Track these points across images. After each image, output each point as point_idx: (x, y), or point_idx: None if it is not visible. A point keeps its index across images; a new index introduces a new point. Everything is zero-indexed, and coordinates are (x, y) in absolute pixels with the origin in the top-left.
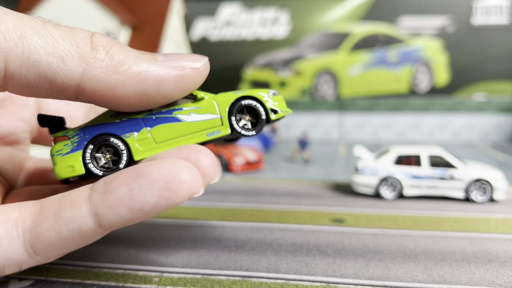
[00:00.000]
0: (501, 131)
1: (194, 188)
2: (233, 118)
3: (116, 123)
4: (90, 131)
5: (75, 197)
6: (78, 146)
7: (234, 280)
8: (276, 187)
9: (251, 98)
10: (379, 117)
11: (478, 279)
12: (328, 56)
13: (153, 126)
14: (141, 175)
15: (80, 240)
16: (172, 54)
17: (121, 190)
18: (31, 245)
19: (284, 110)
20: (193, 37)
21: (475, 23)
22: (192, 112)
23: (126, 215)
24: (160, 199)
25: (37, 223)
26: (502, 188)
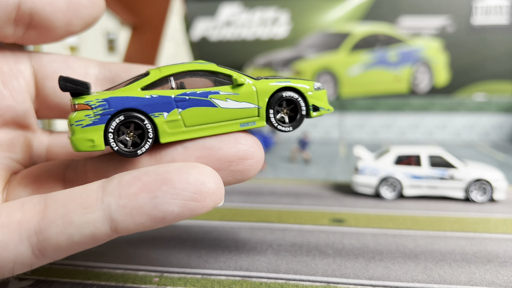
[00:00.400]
0: (501, 131)
1: (218, 198)
2: (271, 111)
3: (146, 98)
4: (115, 103)
5: (87, 199)
6: (101, 120)
7: (234, 280)
8: (276, 187)
9: (294, 90)
10: (379, 117)
11: (478, 279)
12: (328, 56)
13: (185, 108)
14: (165, 182)
15: (92, 244)
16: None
17: (143, 197)
18: (39, 249)
19: (326, 108)
20: (193, 37)
21: (475, 23)
22: (229, 98)
23: (146, 223)
24: (185, 209)
25: (44, 226)
26: (502, 188)
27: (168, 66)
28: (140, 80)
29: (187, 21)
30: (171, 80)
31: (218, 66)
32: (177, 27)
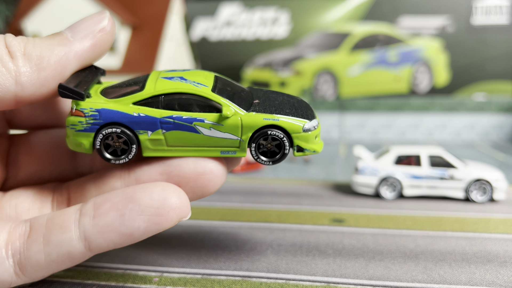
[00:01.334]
0: (501, 131)
1: (183, 213)
2: (253, 145)
3: (133, 116)
4: (106, 115)
5: (64, 220)
6: (91, 128)
7: (234, 280)
8: (276, 187)
9: (280, 129)
10: (379, 117)
11: (478, 279)
12: (328, 56)
13: (169, 130)
14: (131, 201)
15: (69, 263)
16: (76, 24)
17: (111, 215)
18: (20, 267)
19: (312, 149)
20: (193, 37)
21: (475, 23)
22: (212, 128)
23: (116, 239)
24: (150, 224)
25: (26, 245)
26: (502, 188)
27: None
28: (134, 94)
29: (187, 21)
30: (161, 99)
31: (211, 93)
32: (177, 27)
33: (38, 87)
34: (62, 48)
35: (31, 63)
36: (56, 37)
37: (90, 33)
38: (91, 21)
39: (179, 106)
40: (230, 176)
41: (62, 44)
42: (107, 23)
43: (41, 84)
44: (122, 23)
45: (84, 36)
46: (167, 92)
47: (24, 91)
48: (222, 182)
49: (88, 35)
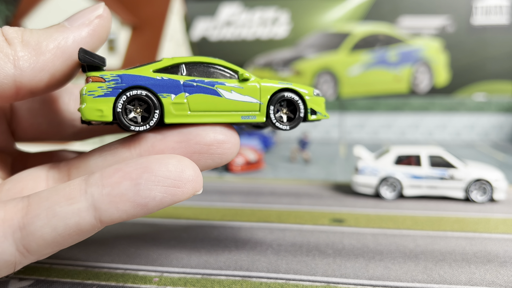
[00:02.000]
0: (501, 131)
1: (198, 186)
2: (272, 108)
3: (157, 79)
4: (128, 79)
5: (70, 191)
6: (112, 92)
7: (234, 280)
8: (276, 187)
9: (295, 92)
10: (379, 117)
11: (478, 279)
12: (328, 56)
13: (192, 93)
14: (146, 171)
15: (77, 236)
16: (73, 15)
17: (125, 184)
18: (23, 245)
19: (323, 113)
20: (193, 37)
21: (475, 23)
22: (233, 90)
23: (129, 210)
24: (166, 195)
25: (28, 221)
26: (502, 188)
27: (181, 57)
28: (153, 63)
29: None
30: (182, 68)
31: (226, 62)
32: (177, 27)
33: (37, 72)
34: (60, 34)
35: (29, 48)
36: (54, 26)
37: (87, 20)
38: (87, 10)
39: (198, 75)
40: (230, 176)
41: (60, 31)
42: (103, 10)
43: (40, 68)
44: (122, 23)
45: (81, 23)
46: (186, 61)
47: (24, 75)
48: (237, 151)
49: (85, 22)
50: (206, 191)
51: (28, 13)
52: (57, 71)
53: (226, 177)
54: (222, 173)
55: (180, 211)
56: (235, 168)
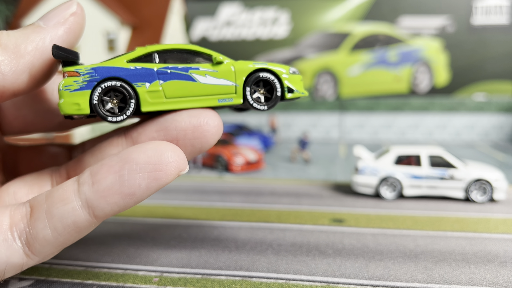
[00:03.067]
0: (501, 131)
1: (181, 165)
2: (248, 89)
3: (130, 69)
4: (102, 71)
5: (63, 193)
6: (88, 85)
7: (234, 280)
8: (276, 187)
9: (270, 72)
10: (379, 117)
11: (478, 279)
12: (328, 56)
13: (166, 80)
14: (127, 161)
15: (76, 234)
16: (46, 14)
17: (110, 178)
18: (28, 247)
19: (301, 91)
20: (193, 37)
21: (475, 23)
22: (208, 74)
23: (119, 201)
24: (151, 181)
25: (30, 224)
26: (502, 188)
27: (154, 45)
28: (127, 54)
29: (187, 21)
30: (155, 56)
31: (199, 47)
32: (177, 27)
33: (19, 74)
34: (37, 35)
35: (8, 52)
36: (29, 27)
37: (61, 18)
38: (61, 8)
39: (173, 61)
40: (230, 176)
41: (36, 32)
42: (76, 7)
43: (21, 71)
44: (122, 23)
45: (57, 22)
46: (159, 49)
47: (6, 80)
48: (218, 133)
49: (60, 20)
50: (206, 191)
51: (28, 13)
52: (37, 72)
53: (226, 177)
54: (222, 173)
55: (180, 211)
56: (235, 168)
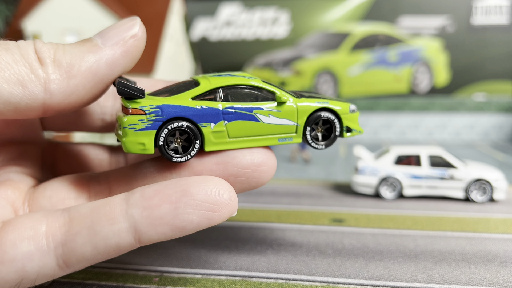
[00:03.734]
0: (501, 131)
1: (233, 209)
2: (308, 129)
3: (196, 109)
4: (168, 111)
5: (111, 211)
6: (153, 126)
7: (234, 280)
8: (276, 187)
9: (331, 111)
10: (379, 117)
11: (478, 279)
12: (328, 56)
13: (230, 120)
14: (185, 194)
15: (115, 254)
16: (106, 30)
17: (165, 208)
18: (64, 260)
19: (358, 130)
20: (193, 37)
21: (475, 23)
22: (271, 114)
23: (167, 232)
24: (204, 219)
25: (69, 238)
26: (502, 188)
27: (217, 78)
28: (191, 90)
29: (187, 21)
30: (219, 92)
31: (263, 82)
32: (177, 27)
33: (67, 96)
34: (93, 55)
35: (61, 70)
36: (86, 43)
37: (121, 40)
38: (122, 28)
39: (236, 98)
40: None
41: (93, 51)
42: (138, 29)
43: (70, 92)
44: None
45: (115, 42)
46: (224, 84)
47: (53, 99)
48: (273, 173)
49: (119, 41)
50: None
51: (28, 13)
52: (86, 94)
53: None
54: None
55: None
56: None
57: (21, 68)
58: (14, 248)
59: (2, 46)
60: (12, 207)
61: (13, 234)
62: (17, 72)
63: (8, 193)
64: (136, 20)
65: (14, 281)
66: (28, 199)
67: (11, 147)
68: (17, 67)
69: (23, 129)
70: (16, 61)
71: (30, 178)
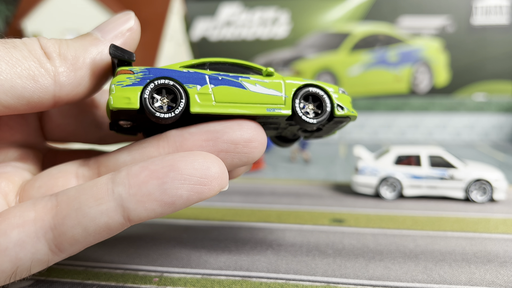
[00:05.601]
0: (501, 131)
1: (223, 182)
2: (297, 101)
3: (183, 72)
4: (155, 71)
5: (98, 191)
6: (140, 82)
7: (234, 280)
8: (276, 187)
9: (319, 88)
10: (379, 117)
11: (478, 279)
12: (328, 56)
13: (217, 85)
14: (172, 169)
15: (106, 235)
16: (104, 25)
17: (152, 184)
18: (55, 244)
19: (351, 110)
20: (193, 37)
21: (475, 23)
22: (258, 84)
23: (157, 209)
24: (193, 193)
25: (58, 221)
26: (502, 188)
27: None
28: (180, 62)
29: (187, 21)
30: (207, 65)
31: (250, 62)
32: (177, 27)
33: (75, 87)
34: (95, 48)
35: (67, 63)
36: (87, 37)
37: (119, 33)
38: (118, 22)
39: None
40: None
41: (94, 44)
42: (133, 22)
43: (77, 83)
44: None
45: (114, 36)
46: (211, 61)
47: (62, 90)
48: (263, 150)
49: (117, 35)
50: None
51: (28, 13)
52: (92, 83)
53: None
54: None
55: (180, 211)
56: None
57: (31, 63)
58: (6, 238)
59: (10, 44)
60: (5, 200)
61: (3, 224)
62: (28, 67)
63: (2, 185)
64: (131, 14)
65: (10, 270)
66: (20, 193)
67: (13, 149)
68: (27, 62)
69: (26, 134)
70: (25, 57)
71: (27, 173)
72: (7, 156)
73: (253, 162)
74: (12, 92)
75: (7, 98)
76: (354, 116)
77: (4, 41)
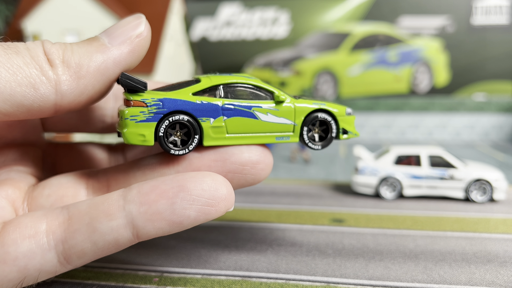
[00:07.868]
0: (501, 131)
1: (230, 204)
2: (305, 129)
3: (196, 104)
4: (169, 104)
5: (109, 208)
6: (154, 117)
7: (234, 280)
8: (276, 187)
9: (328, 113)
10: (379, 117)
11: (478, 279)
12: (328, 56)
13: (230, 116)
14: (182, 190)
15: (114, 249)
16: (112, 29)
17: (162, 203)
18: (64, 257)
19: (354, 132)
20: (193, 37)
21: (475, 23)
22: (269, 112)
23: (165, 227)
24: (200, 214)
25: (69, 235)
26: (502, 188)
27: (218, 76)
28: (192, 85)
29: (187, 21)
30: (219, 89)
31: (262, 82)
32: (177, 27)
33: (77, 95)
34: (101, 55)
35: (70, 71)
36: (93, 43)
37: (127, 39)
38: (128, 26)
39: (235, 96)
40: None
41: (100, 51)
42: (143, 28)
43: (80, 92)
44: None
45: (122, 42)
46: (224, 82)
47: (64, 99)
48: (269, 172)
49: (125, 41)
50: None
51: (28, 13)
52: (95, 92)
53: None
54: None
55: None
56: None
57: (32, 71)
58: (16, 247)
59: (12, 49)
60: (12, 207)
61: (15, 234)
62: (29, 74)
63: (9, 192)
64: (142, 19)
65: (17, 279)
66: (27, 198)
67: (13, 149)
68: (28, 69)
69: (25, 131)
70: (27, 64)
71: (31, 176)
72: (7, 157)
73: (257, 183)
74: (11, 100)
75: (6, 106)
76: (356, 137)
77: (6, 45)
